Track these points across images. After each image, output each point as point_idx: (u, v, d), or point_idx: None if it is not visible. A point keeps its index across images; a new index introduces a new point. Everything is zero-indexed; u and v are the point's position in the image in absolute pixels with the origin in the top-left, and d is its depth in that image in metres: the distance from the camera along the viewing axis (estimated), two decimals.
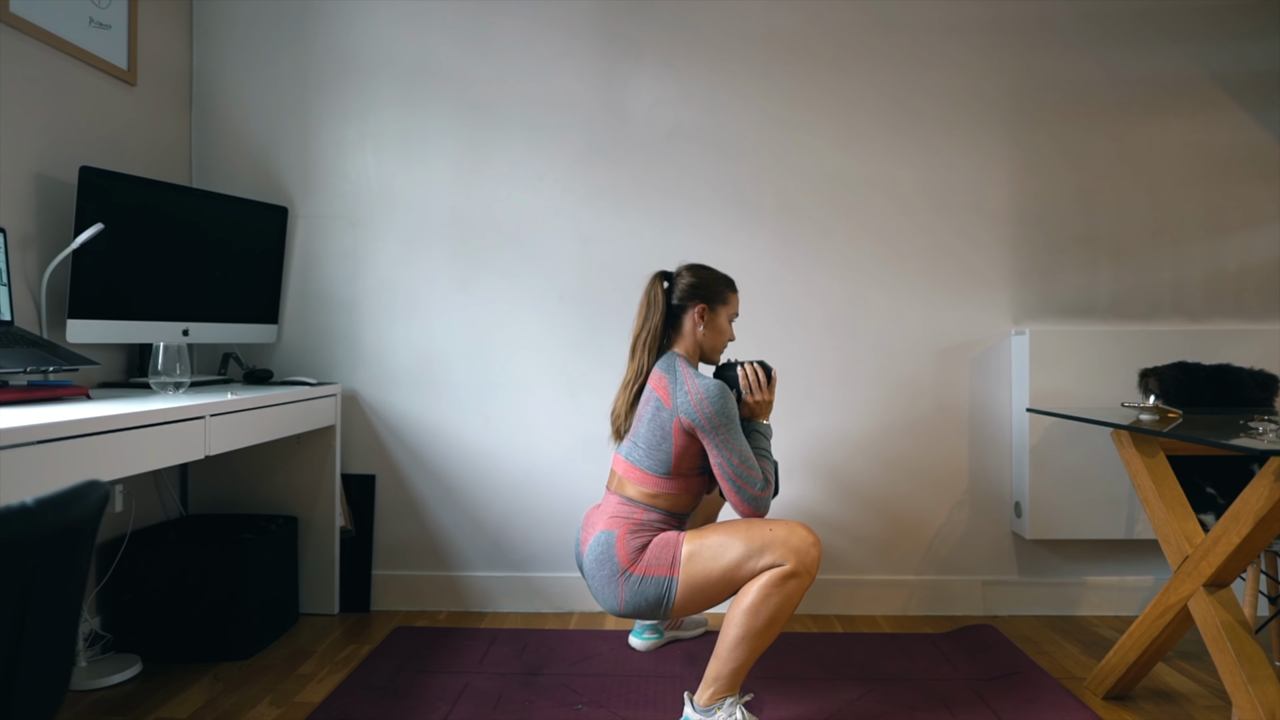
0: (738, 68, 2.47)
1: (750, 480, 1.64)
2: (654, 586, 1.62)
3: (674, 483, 1.71)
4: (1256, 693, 1.51)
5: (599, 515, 1.75)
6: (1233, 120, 2.47)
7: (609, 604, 1.67)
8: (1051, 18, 2.47)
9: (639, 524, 1.68)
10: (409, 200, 2.49)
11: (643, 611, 1.64)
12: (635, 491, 1.72)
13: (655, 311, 1.80)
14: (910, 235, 2.48)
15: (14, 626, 0.65)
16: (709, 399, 1.63)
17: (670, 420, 1.68)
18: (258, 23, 2.50)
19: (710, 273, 1.84)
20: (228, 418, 1.78)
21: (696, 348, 1.82)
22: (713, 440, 1.64)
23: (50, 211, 1.97)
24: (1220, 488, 1.98)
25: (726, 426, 1.64)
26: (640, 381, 1.79)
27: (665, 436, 1.68)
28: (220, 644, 2.06)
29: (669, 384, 1.70)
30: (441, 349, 2.49)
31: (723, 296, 1.83)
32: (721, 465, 1.65)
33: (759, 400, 1.77)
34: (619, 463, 1.78)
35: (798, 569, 1.55)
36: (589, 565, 1.70)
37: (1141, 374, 2.11)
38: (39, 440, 1.25)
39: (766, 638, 1.57)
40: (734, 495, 1.65)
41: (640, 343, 1.80)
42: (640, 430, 1.73)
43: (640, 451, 1.72)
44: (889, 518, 2.48)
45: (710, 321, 1.81)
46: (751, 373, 1.77)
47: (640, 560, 1.64)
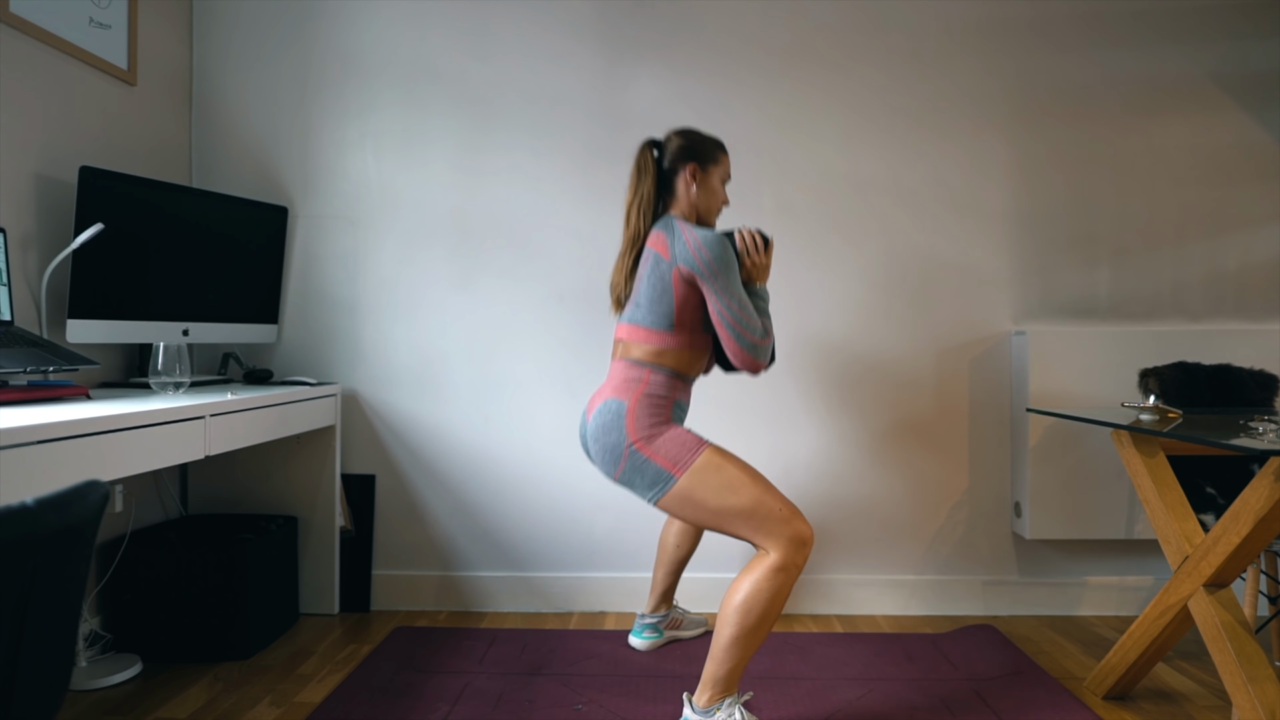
0: (737, 68, 2.48)
1: (750, 327, 1.64)
2: (654, 474, 1.61)
3: (678, 336, 1.70)
4: (1256, 693, 1.51)
5: (604, 386, 1.74)
6: (1233, 120, 2.47)
7: (607, 470, 1.67)
8: (1051, 18, 2.47)
9: (648, 391, 1.67)
10: (409, 200, 2.49)
11: (633, 487, 1.65)
12: (641, 352, 1.71)
13: (646, 177, 1.80)
14: (910, 235, 2.48)
15: (14, 626, 0.65)
16: (707, 246, 1.63)
17: (670, 271, 1.67)
18: (258, 23, 2.50)
19: (699, 134, 1.83)
20: (228, 418, 1.78)
21: (692, 210, 1.81)
22: (712, 287, 1.64)
23: (50, 211, 1.97)
24: (1220, 488, 1.98)
25: (725, 273, 1.63)
26: (637, 247, 1.79)
27: (666, 288, 1.68)
28: (220, 644, 2.06)
29: (668, 239, 1.69)
30: (441, 349, 2.49)
31: (714, 156, 1.82)
32: (721, 312, 1.64)
33: (757, 263, 1.75)
34: (622, 329, 1.77)
35: (786, 563, 1.55)
36: (593, 431, 1.68)
37: (1141, 374, 2.11)
38: (39, 440, 1.25)
39: (760, 634, 1.57)
40: (733, 344, 1.64)
41: (634, 209, 1.79)
42: (641, 289, 1.72)
43: (642, 310, 1.71)
44: (889, 518, 2.48)
45: (703, 182, 1.80)
46: (749, 236, 1.75)
47: (652, 442, 1.63)
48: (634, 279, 1.79)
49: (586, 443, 1.73)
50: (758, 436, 2.47)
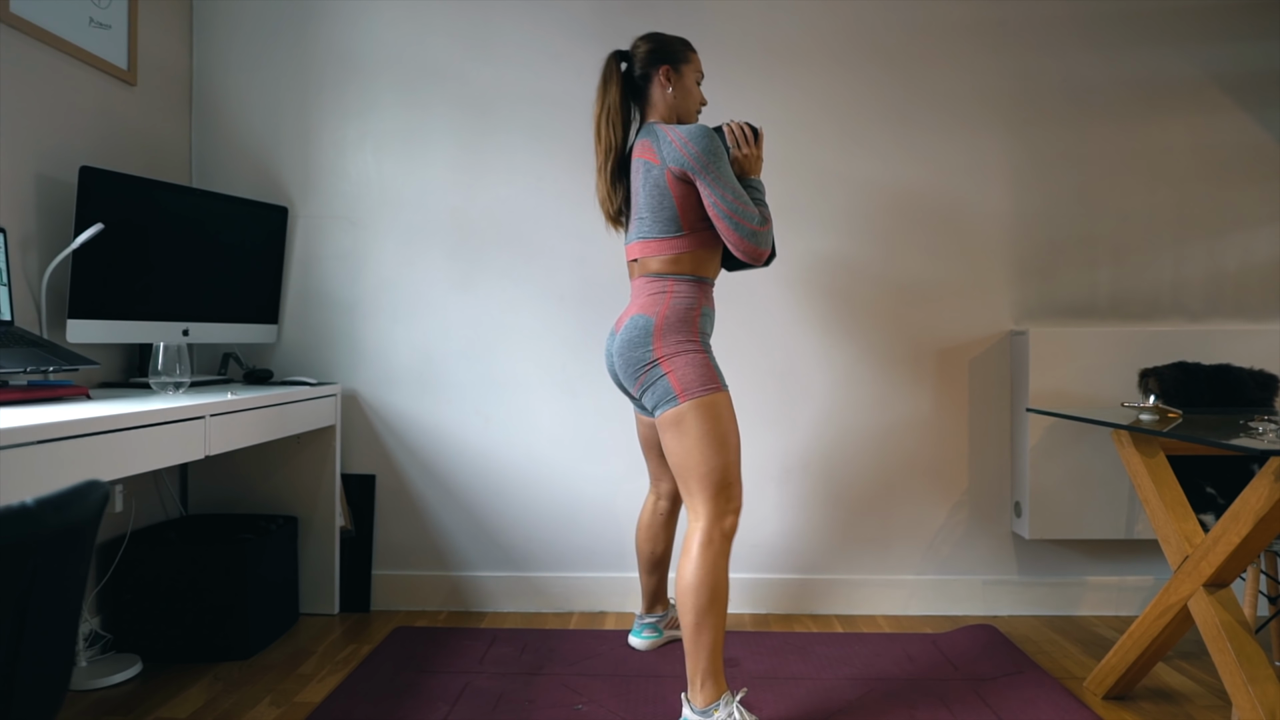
0: (737, 68, 2.47)
1: (747, 215, 1.63)
2: (664, 390, 1.64)
3: (688, 239, 1.70)
4: (1256, 693, 1.51)
5: (631, 305, 1.75)
6: (1233, 120, 2.47)
7: (628, 381, 1.70)
8: (1051, 18, 2.47)
9: (674, 303, 1.68)
10: (409, 200, 2.49)
11: (643, 399, 1.69)
12: (658, 264, 1.71)
13: (612, 86, 1.79)
14: (910, 235, 2.48)
15: (14, 626, 0.65)
16: (693, 139, 1.63)
17: (662, 174, 1.67)
18: (258, 23, 2.50)
19: (665, 36, 1.83)
20: (228, 418, 1.78)
21: (671, 112, 1.81)
22: (704, 180, 1.63)
23: (50, 211, 1.97)
24: (1220, 488, 1.98)
25: (715, 164, 1.63)
26: (614, 157, 1.78)
27: (664, 194, 1.68)
28: (220, 644, 2.06)
29: (653, 144, 1.69)
30: (441, 349, 2.49)
31: (684, 55, 1.82)
32: (716, 204, 1.63)
33: (747, 154, 1.75)
34: (634, 248, 1.77)
35: (713, 534, 1.61)
36: (619, 345, 1.70)
37: (1141, 374, 2.11)
38: (39, 440, 1.25)
39: (717, 609, 1.60)
40: (733, 234, 1.64)
41: (603, 120, 1.79)
42: (641, 201, 1.73)
43: (647, 223, 1.72)
44: (889, 517, 2.48)
45: (678, 82, 1.80)
46: (737, 128, 1.75)
47: (673, 360, 1.64)
48: (618, 190, 1.79)
49: (612, 358, 1.75)
50: (758, 437, 2.47)
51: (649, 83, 1.80)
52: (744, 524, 2.48)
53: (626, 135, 1.81)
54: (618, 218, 1.84)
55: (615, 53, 1.83)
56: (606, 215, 1.84)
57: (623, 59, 1.83)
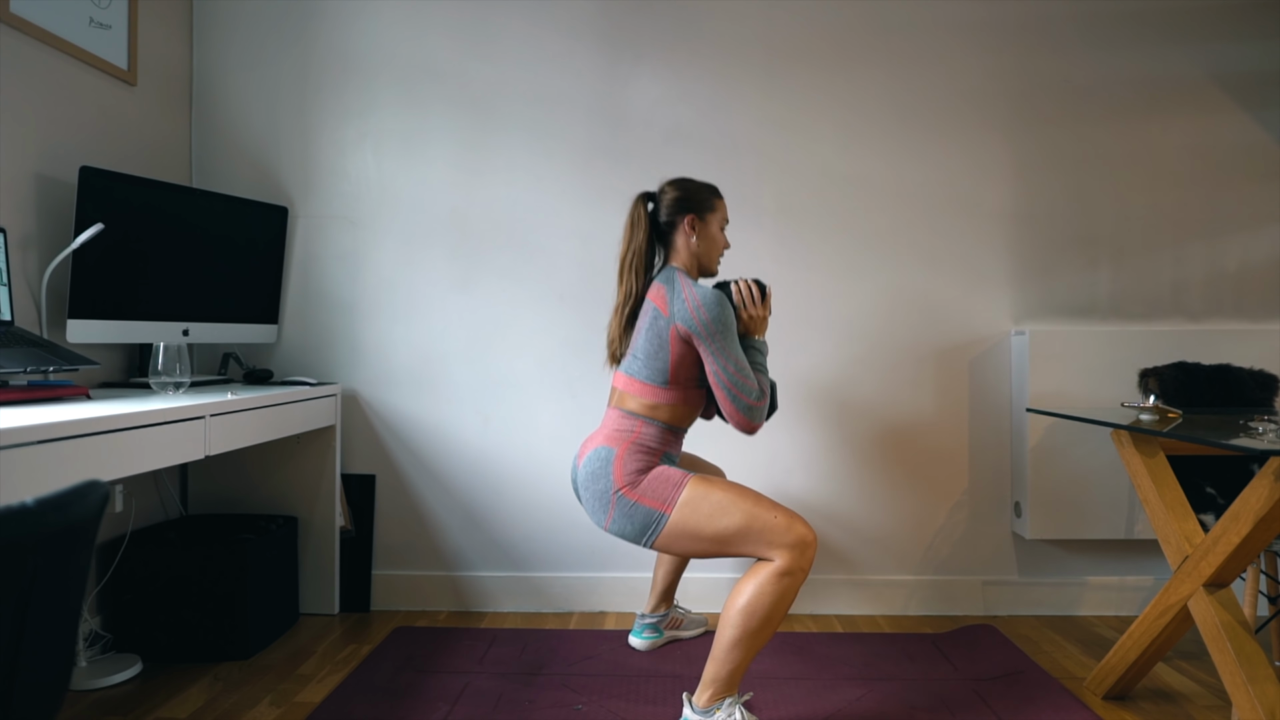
0: (738, 68, 2.48)
1: (746, 389, 1.64)
2: (643, 516, 1.61)
3: (673, 392, 1.70)
4: (1256, 693, 1.51)
5: (598, 433, 1.75)
6: (1233, 120, 2.47)
7: (597, 519, 1.68)
8: (1051, 18, 2.47)
9: (639, 441, 1.68)
10: (409, 200, 2.49)
11: (625, 535, 1.64)
12: (635, 404, 1.72)
13: (639, 231, 1.79)
14: (910, 235, 2.48)
15: (14, 626, 0.65)
16: (705, 306, 1.63)
17: (667, 328, 1.67)
18: (258, 23, 2.50)
19: (693, 183, 1.83)
20: (228, 418, 1.78)
21: (693, 259, 1.81)
22: (709, 348, 1.64)
23: (50, 211, 1.97)
24: (1220, 488, 1.98)
25: (723, 334, 1.63)
26: (631, 303, 1.79)
27: (663, 345, 1.68)
28: (220, 644, 2.06)
29: (667, 294, 1.69)
30: (441, 349, 2.49)
31: (710, 204, 1.82)
32: (717, 373, 1.64)
33: (754, 315, 1.76)
34: (618, 379, 1.77)
35: (792, 568, 1.55)
36: (583, 478, 1.70)
37: (1141, 374, 2.11)
38: (39, 440, 1.25)
39: (762, 637, 1.57)
40: (729, 404, 1.65)
41: (627, 265, 1.79)
42: (639, 342, 1.73)
43: (639, 363, 1.72)
44: (889, 517, 2.48)
45: (702, 231, 1.80)
46: (745, 288, 1.76)
47: (638, 485, 1.63)
48: (629, 337, 1.79)
49: (577, 488, 1.75)
50: (758, 438, 2.47)
51: (674, 229, 1.80)
52: None
53: (648, 282, 1.80)
54: (618, 359, 1.84)
55: (643, 195, 1.83)
56: (610, 354, 1.84)
57: (649, 199, 1.84)
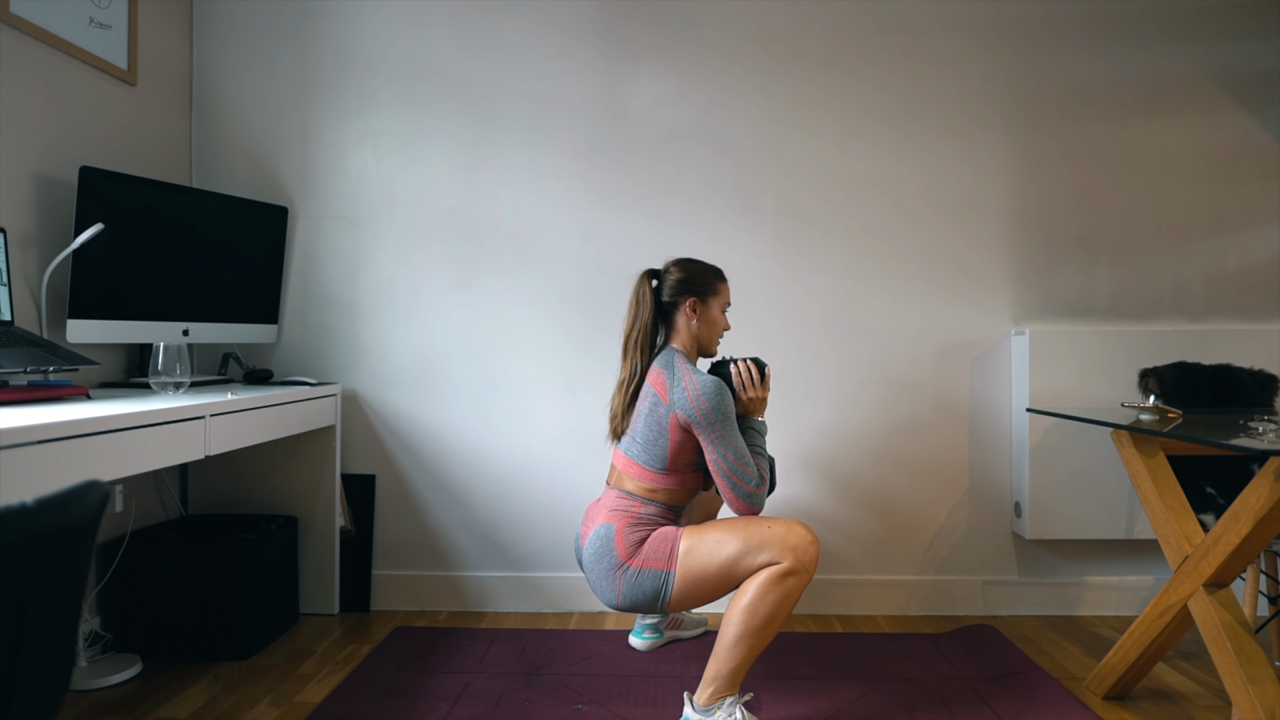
0: (738, 68, 2.48)
1: (746, 477, 1.65)
2: (651, 580, 1.63)
3: (671, 478, 1.72)
4: (1256, 693, 1.51)
5: (598, 509, 1.77)
6: (1233, 120, 2.47)
7: (607, 597, 1.68)
8: (1052, 18, 2.47)
9: (637, 517, 1.70)
10: (409, 200, 2.49)
11: (640, 605, 1.65)
12: (634, 485, 1.73)
13: (644, 310, 1.81)
14: (910, 235, 2.48)
15: (14, 626, 0.64)
16: (705, 396, 1.64)
17: (667, 416, 1.69)
18: (258, 23, 2.50)
19: (698, 265, 1.84)
20: (228, 418, 1.78)
21: (693, 341, 1.83)
22: (708, 437, 1.65)
23: (50, 211, 1.97)
24: (1220, 488, 1.98)
25: (722, 423, 1.65)
26: (635, 381, 1.80)
27: (662, 432, 1.69)
28: (220, 644, 2.06)
29: (667, 380, 1.71)
30: (441, 349, 2.49)
31: (713, 288, 1.83)
32: (717, 462, 1.65)
33: (753, 397, 1.77)
34: (618, 458, 1.79)
35: (795, 567, 1.56)
36: (588, 559, 1.72)
37: (1141, 374, 2.11)
38: (39, 440, 1.25)
39: (765, 636, 1.57)
40: (729, 492, 1.66)
41: (631, 342, 1.81)
42: (638, 426, 1.75)
43: (638, 447, 1.74)
44: (889, 518, 2.48)
45: (703, 314, 1.82)
46: (745, 370, 1.77)
47: (638, 554, 1.65)
48: (631, 413, 1.80)
49: (582, 565, 1.76)
50: None
51: (675, 310, 1.82)
52: None
53: (651, 358, 1.81)
54: (620, 433, 1.84)
55: (647, 272, 1.85)
56: (611, 430, 1.84)
57: (654, 277, 1.85)
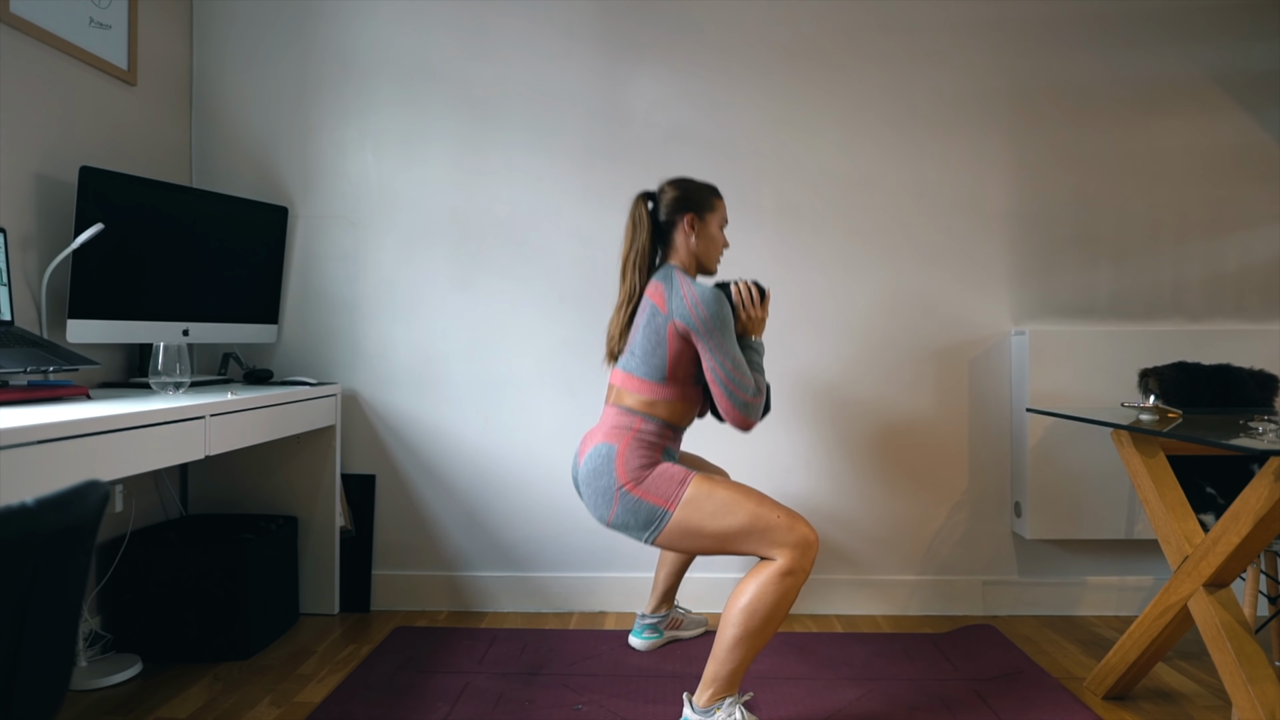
0: (738, 68, 2.47)
1: (743, 386, 1.64)
2: (647, 512, 1.62)
3: (670, 389, 1.71)
4: (1256, 693, 1.51)
5: (597, 430, 1.75)
6: (1233, 120, 2.47)
7: (600, 514, 1.68)
8: (1051, 18, 2.47)
9: (639, 436, 1.68)
10: (409, 200, 2.49)
11: (629, 529, 1.65)
12: (633, 400, 1.72)
13: (641, 231, 1.80)
14: (910, 235, 2.48)
15: (14, 627, 0.65)
16: (704, 303, 1.64)
17: (665, 325, 1.68)
18: (258, 23, 2.50)
19: (693, 182, 1.84)
20: (228, 418, 1.78)
21: (692, 259, 1.82)
22: (706, 344, 1.64)
23: (50, 211, 1.97)
24: (1220, 488, 1.98)
25: (721, 331, 1.64)
26: (633, 303, 1.79)
27: (660, 341, 1.68)
28: (220, 644, 2.06)
29: (665, 291, 1.70)
30: (441, 349, 2.49)
31: (709, 204, 1.83)
32: (714, 369, 1.65)
33: (752, 316, 1.76)
34: (616, 375, 1.78)
35: (794, 567, 1.55)
36: (584, 475, 1.70)
37: (1141, 374, 2.11)
38: (39, 440, 1.25)
39: (764, 636, 1.57)
40: (725, 401, 1.65)
41: (629, 264, 1.80)
42: (636, 339, 1.73)
43: (636, 360, 1.72)
44: (889, 517, 2.48)
45: (701, 231, 1.81)
46: (745, 289, 1.76)
47: (642, 481, 1.64)
48: (630, 330, 1.80)
49: (578, 485, 1.75)
50: (758, 437, 2.47)
51: (673, 228, 1.81)
52: None
53: (649, 280, 1.81)
54: (616, 356, 1.83)
55: (643, 194, 1.84)
56: (609, 351, 1.84)
57: (649, 199, 1.84)
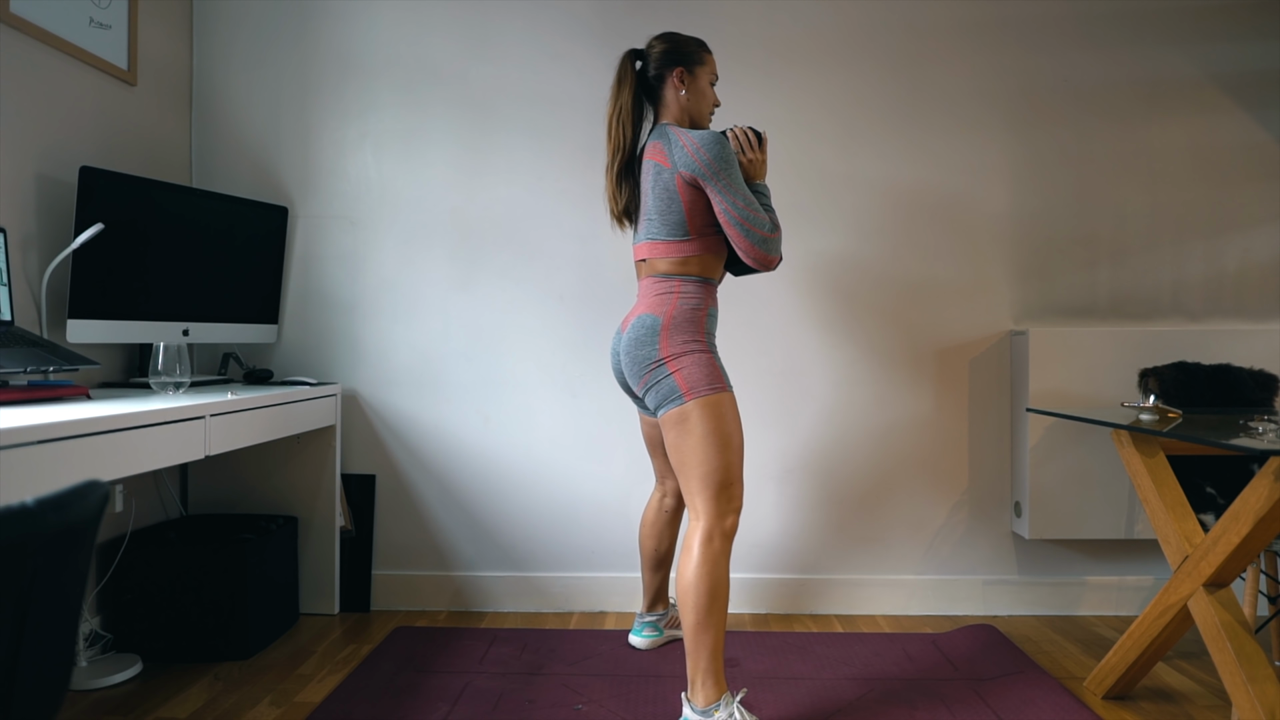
0: (737, 68, 2.47)
1: (758, 223, 1.64)
2: (669, 389, 1.65)
3: (696, 243, 1.71)
4: (1256, 693, 1.51)
5: (639, 304, 1.76)
6: (1233, 120, 2.47)
7: (633, 378, 1.71)
8: (1052, 18, 2.47)
9: (682, 300, 1.69)
10: (409, 200, 2.49)
11: (647, 398, 1.69)
12: (665, 265, 1.73)
13: (625, 87, 1.80)
14: (910, 235, 2.48)
15: (14, 627, 0.65)
16: (704, 146, 1.64)
17: (672, 178, 1.68)
18: (258, 23, 2.50)
19: (681, 36, 1.83)
20: (228, 418, 1.78)
21: (684, 114, 1.82)
22: (715, 186, 1.64)
23: (50, 211, 1.97)
24: (1220, 488, 1.98)
25: (726, 171, 1.64)
26: (621, 157, 1.79)
27: (672, 197, 1.69)
28: (220, 644, 2.06)
29: (664, 147, 1.70)
30: (441, 349, 2.49)
31: (699, 57, 1.82)
32: (727, 210, 1.64)
33: (752, 159, 1.76)
34: (641, 248, 1.78)
35: (713, 533, 1.61)
36: (626, 344, 1.72)
37: (1141, 374, 2.11)
38: (39, 440, 1.25)
39: (718, 608, 1.60)
40: (743, 240, 1.65)
41: (614, 120, 1.80)
42: (649, 203, 1.74)
43: (655, 224, 1.73)
44: (889, 517, 2.48)
45: (691, 84, 1.80)
46: (741, 133, 1.76)
47: (679, 360, 1.65)
48: (624, 189, 1.80)
49: (619, 356, 1.77)
50: (758, 436, 2.47)
51: (662, 83, 1.81)
52: (744, 524, 2.48)
53: (638, 135, 1.82)
54: (622, 216, 1.85)
55: (630, 52, 1.84)
56: (611, 213, 1.85)
57: (637, 58, 1.84)
